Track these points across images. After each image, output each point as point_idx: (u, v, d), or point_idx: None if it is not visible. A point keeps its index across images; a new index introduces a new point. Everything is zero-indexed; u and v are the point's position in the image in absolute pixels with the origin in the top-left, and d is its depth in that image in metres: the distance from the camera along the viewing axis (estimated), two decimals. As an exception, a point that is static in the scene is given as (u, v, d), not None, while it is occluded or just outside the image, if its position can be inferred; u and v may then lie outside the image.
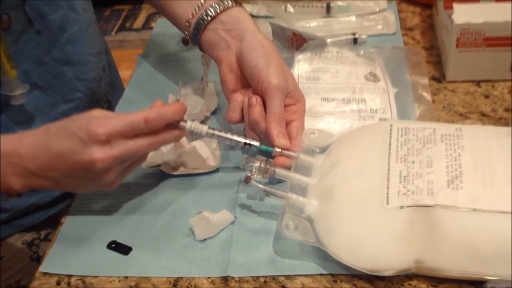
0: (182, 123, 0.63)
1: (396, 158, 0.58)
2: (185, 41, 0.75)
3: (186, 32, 0.73)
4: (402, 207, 0.54)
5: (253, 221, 0.63)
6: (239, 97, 0.69)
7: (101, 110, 0.60)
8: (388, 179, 0.56)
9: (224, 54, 0.69)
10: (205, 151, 0.72)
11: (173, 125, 0.62)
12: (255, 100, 0.66)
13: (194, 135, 0.65)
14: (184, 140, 0.71)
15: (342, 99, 0.74)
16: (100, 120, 0.57)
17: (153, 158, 0.72)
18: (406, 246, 0.52)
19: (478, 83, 0.79)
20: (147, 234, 0.63)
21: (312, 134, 0.67)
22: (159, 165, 0.71)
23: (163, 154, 0.72)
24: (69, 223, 0.67)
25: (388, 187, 0.56)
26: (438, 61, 0.84)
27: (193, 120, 0.65)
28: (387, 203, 0.54)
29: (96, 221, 0.66)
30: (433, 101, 0.76)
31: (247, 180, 0.60)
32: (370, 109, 0.72)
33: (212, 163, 0.71)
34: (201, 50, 0.74)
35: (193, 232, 0.62)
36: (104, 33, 2.83)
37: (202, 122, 0.72)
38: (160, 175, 0.71)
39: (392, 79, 0.78)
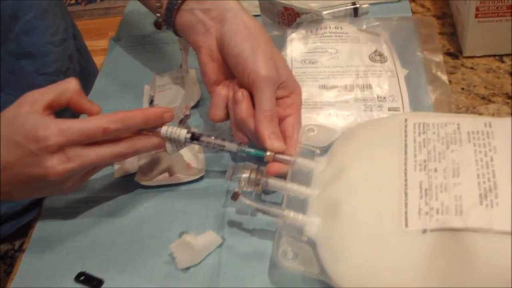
0: (157, 129, 0.53)
1: (414, 164, 0.48)
2: (157, 25, 0.64)
3: (158, 14, 0.62)
4: (425, 230, 0.44)
5: (245, 242, 0.53)
6: (222, 91, 0.58)
7: (37, 93, 0.51)
8: (406, 193, 0.46)
9: (202, 40, 0.58)
10: (187, 154, 0.62)
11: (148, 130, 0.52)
12: (241, 94, 0.55)
13: (173, 142, 0.54)
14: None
15: (344, 86, 0.63)
16: (49, 126, 0.48)
17: (126, 165, 0.62)
18: (429, 279, 0.43)
19: (501, 57, 0.68)
20: (121, 262, 0.54)
21: (311, 131, 0.56)
22: (134, 174, 0.61)
23: (138, 160, 0.62)
24: (32, 249, 0.57)
25: (406, 204, 0.45)
26: (452, 32, 0.73)
27: (172, 126, 0.54)
28: (406, 225, 0.44)
29: (63, 246, 0.56)
30: (450, 81, 0.66)
31: (234, 197, 0.50)
32: (377, 97, 0.62)
33: (195, 170, 0.60)
34: (177, 34, 0.63)
35: (174, 259, 0.52)
36: (90, 1, 2.70)
37: (182, 121, 0.61)
38: (135, 186, 0.61)
39: (400, 57, 0.67)
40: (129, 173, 0.62)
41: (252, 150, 0.54)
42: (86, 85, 0.86)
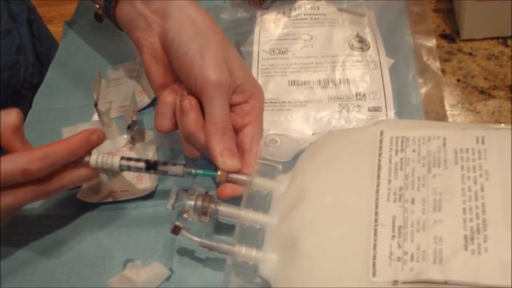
0: (86, 158, 0.45)
1: (388, 193, 0.40)
2: (97, 17, 0.54)
3: (97, 5, 0.53)
4: (395, 282, 0.36)
5: (196, 275, 0.46)
6: (169, 97, 0.49)
7: None
8: (375, 231, 0.38)
9: (144, 37, 0.49)
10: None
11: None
12: (188, 103, 0.46)
13: (106, 171, 0.47)
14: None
15: (317, 81, 0.54)
16: None
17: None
18: None
19: (504, 40, 0.58)
20: (57, 297, 0.47)
21: (273, 142, 0.48)
22: (78, 187, 0.54)
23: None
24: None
25: (375, 246, 0.37)
26: (449, 9, 0.62)
27: (102, 154, 0.46)
28: (374, 275, 0.36)
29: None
30: (443, 71, 0.56)
31: (175, 231, 0.43)
32: (356, 94, 0.53)
33: (146, 183, 0.53)
34: (119, 29, 0.54)
35: (114, 298, 0.45)
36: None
37: (130, 127, 0.53)
38: (79, 202, 0.53)
39: (386, 43, 0.57)
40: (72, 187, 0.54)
41: (200, 171, 0.46)
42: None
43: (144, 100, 0.59)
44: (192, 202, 0.44)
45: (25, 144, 0.45)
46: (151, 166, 0.46)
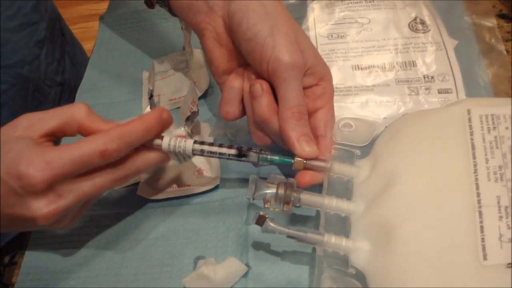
0: (156, 141, 0.43)
1: (487, 173, 0.38)
2: (148, 3, 0.52)
3: None
4: (509, 265, 0.34)
5: (274, 270, 0.44)
6: (235, 82, 0.47)
7: (35, 116, 0.41)
8: (480, 213, 0.36)
9: (205, 21, 0.47)
10: (197, 158, 0.52)
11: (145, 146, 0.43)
12: (260, 87, 0.44)
13: (177, 155, 0.44)
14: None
15: (382, 65, 0.52)
16: (32, 159, 0.37)
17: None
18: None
19: None
20: (126, 298, 0.45)
21: (348, 127, 0.46)
22: (136, 184, 0.52)
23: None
24: (21, 283, 0.48)
25: (482, 228, 0.35)
26: (504, -11, 0.61)
27: (175, 138, 0.44)
28: (485, 258, 0.34)
29: (56, 278, 0.47)
30: (507, 51, 0.54)
31: (260, 221, 0.40)
32: (424, 77, 0.51)
33: (209, 175, 0.51)
34: (173, 15, 0.51)
35: (190, 297, 0.43)
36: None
37: (188, 119, 0.51)
38: (139, 200, 0.51)
39: (446, 25, 0.55)
40: (130, 184, 0.52)
41: (276, 158, 0.44)
42: (74, 72, 0.76)
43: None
44: (273, 191, 0.41)
45: (107, 123, 0.42)
46: (224, 152, 0.44)
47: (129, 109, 0.59)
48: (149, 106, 0.55)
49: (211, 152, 0.44)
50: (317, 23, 0.56)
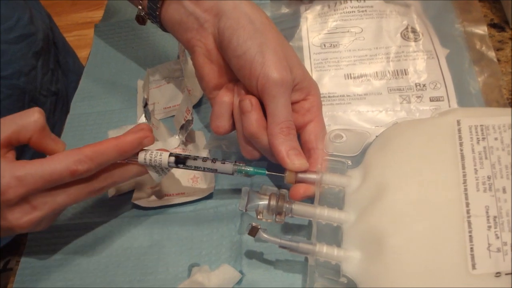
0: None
1: (476, 183, 0.38)
2: (139, 19, 0.52)
3: (140, 6, 0.51)
4: (498, 274, 0.34)
5: (268, 277, 0.45)
6: (225, 97, 0.47)
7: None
8: (469, 223, 0.37)
9: (196, 38, 0.47)
10: (192, 166, 0.52)
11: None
12: (249, 103, 0.45)
13: (155, 168, 0.45)
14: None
15: (374, 74, 0.53)
16: (4, 176, 0.38)
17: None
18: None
19: (557, 26, 0.57)
20: (121, 306, 0.45)
21: (339, 138, 0.46)
22: (131, 192, 0.52)
23: (134, 175, 0.52)
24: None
25: (471, 238, 0.36)
26: (495, -2, 0.61)
27: (150, 151, 0.45)
28: (474, 267, 0.35)
29: (51, 284, 0.48)
30: (498, 60, 0.55)
31: (252, 232, 0.41)
32: (416, 85, 0.51)
33: (203, 184, 0.51)
34: (165, 31, 0.52)
35: (185, 305, 0.43)
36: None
37: (183, 127, 0.51)
38: (134, 208, 0.51)
39: (437, 33, 0.56)
40: (124, 192, 0.52)
41: (251, 169, 0.44)
42: (68, 81, 0.76)
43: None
44: (265, 202, 0.42)
45: (57, 142, 0.43)
46: (199, 165, 0.44)
47: (124, 117, 0.59)
48: (143, 114, 0.55)
49: (187, 166, 0.44)
50: (310, 32, 0.57)
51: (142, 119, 0.57)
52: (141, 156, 0.44)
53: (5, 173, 0.38)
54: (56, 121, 0.73)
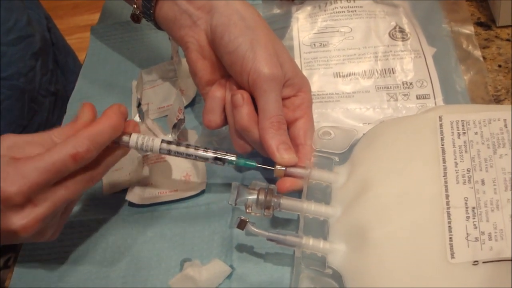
0: (124, 138, 0.45)
1: (456, 176, 0.40)
2: (134, 18, 0.54)
3: (135, 5, 0.53)
4: (476, 262, 0.35)
5: (258, 271, 0.46)
6: (218, 92, 0.49)
7: (8, 138, 0.41)
8: (448, 214, 0.38)
9: (189, 35, 0.49)
10: (185, 164, 0.54)
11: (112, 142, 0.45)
12: (241, 97, 0.46)
13: (144, 153, 0.47)
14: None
15: (363, 72, 0.54)
16: (8, 172, 0.39)
17: (116, 180, 0.54)
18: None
19: (542, 24, 0.58)
20: (115, 300, 0.46)
21: (327, 135, 0.48)
22: (125, 190, 0.53)
23: (129, 173, 0.54)
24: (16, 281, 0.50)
25: (450, 228, 0.37)
26: (482, -3, 0.63)
27: (143, 136, 0.46)
28: (452, 256, 0.36)
29: (49, 280, 0.49)
30: (484, 58, 0.56)
31: (241, 225, 0.42)
32: (403, 83, 0.53)
33: (196, 180, 0.52)
34: (159, 28, 0.53)
35: (176, 297, 0.45)
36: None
37: (175, 126, 0.53)
38: (127, 205, 0.53)
39: (425, 33, 0.57)
40: (119, 190, 0.54)
41: (241, 160, 0.46)
42: (66, 80, 0.77)
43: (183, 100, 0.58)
44: (254, 197, 0.43)
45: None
46: (191, 153, 0.46)
47: (119, 117, 0.61)
48: (137, 114, 0.57)
49: (178, 152, 0.46)
50: (301, 32, 0.58)
51: (137, 118, 0.58)
52: (133, 139, 0.45)
53: (10, 171, 0.38)
54: (55, 121, 0.75)
